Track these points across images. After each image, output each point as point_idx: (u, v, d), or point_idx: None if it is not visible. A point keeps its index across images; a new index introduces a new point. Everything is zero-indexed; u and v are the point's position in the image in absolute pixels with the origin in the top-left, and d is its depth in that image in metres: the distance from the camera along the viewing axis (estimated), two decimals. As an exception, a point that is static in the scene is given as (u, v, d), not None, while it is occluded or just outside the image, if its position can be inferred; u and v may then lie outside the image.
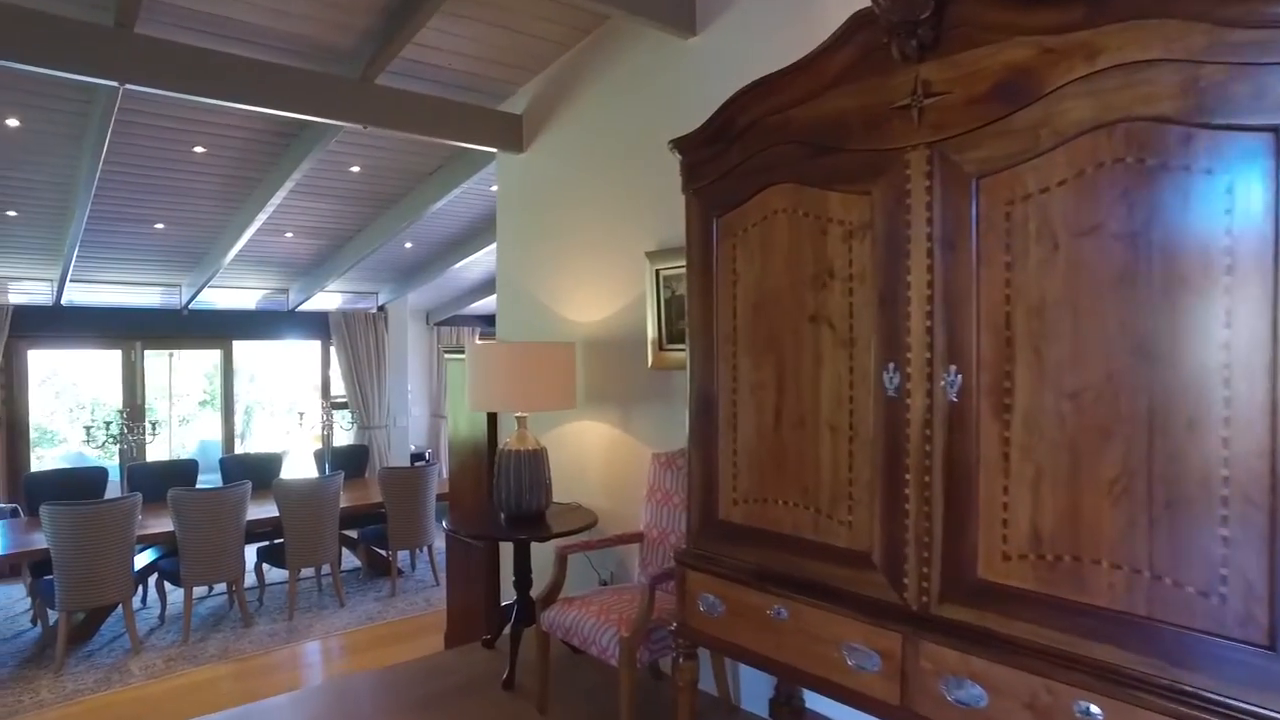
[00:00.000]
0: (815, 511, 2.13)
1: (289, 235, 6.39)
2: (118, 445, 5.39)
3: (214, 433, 10.66)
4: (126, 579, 4.96)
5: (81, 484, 5.90)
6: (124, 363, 7.41)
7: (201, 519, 5.17)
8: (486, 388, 3.43)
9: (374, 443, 8.39)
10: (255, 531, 5.80)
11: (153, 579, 5.75)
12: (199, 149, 4.67)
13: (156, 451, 12.51)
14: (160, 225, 5.80)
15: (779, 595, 2.18)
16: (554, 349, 3.47)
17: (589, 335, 3.81)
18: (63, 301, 6.91)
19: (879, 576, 1.97)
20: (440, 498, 6.43)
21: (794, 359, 2.18)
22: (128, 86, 3.24)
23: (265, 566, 6.00)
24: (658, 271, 3.43)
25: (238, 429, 14.37)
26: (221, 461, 6.58)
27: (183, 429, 13.00)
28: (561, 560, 3.15)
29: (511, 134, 4.26)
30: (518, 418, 3.51)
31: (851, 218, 2.03)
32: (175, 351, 11.95)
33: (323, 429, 6.44)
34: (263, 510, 5.71)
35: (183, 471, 6.33)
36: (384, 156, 5.16)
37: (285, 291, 8.06)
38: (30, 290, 6.82)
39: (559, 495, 3.80)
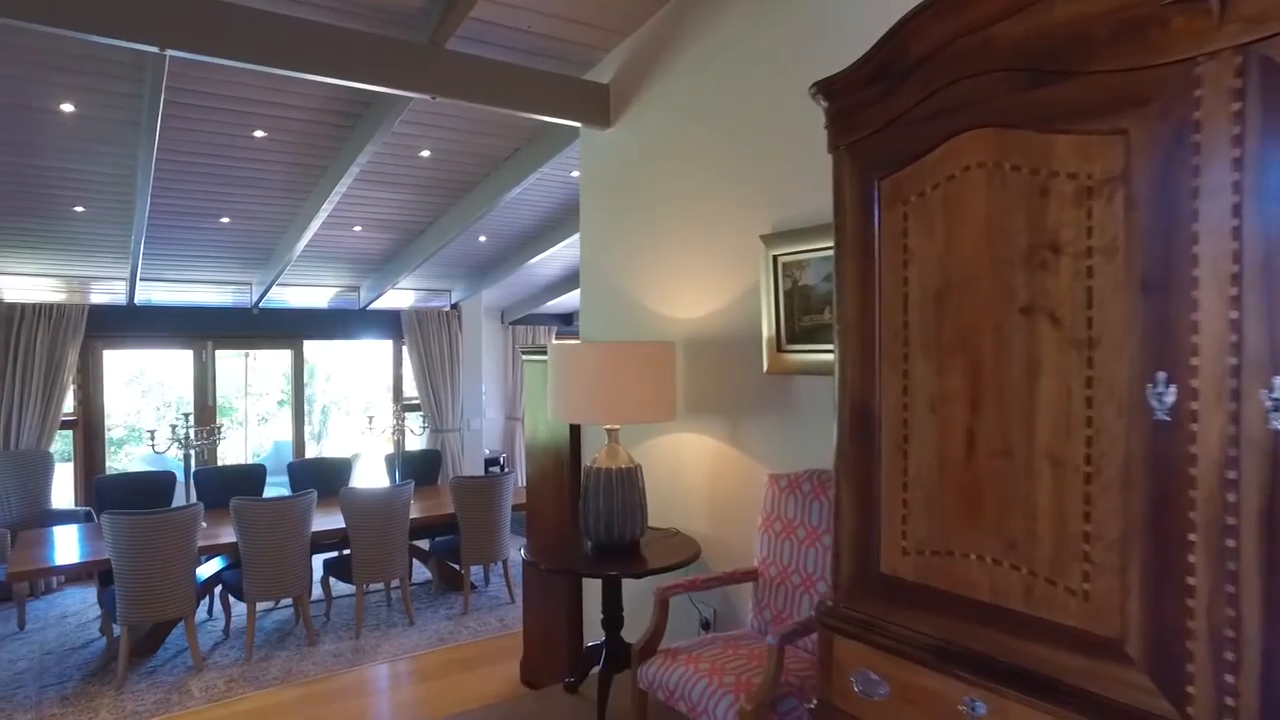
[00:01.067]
0: (1028, 574, 1.56)
1: (358, 229, 6.06)
2: (183, 449, 5.09)
3: (290, 433, 10.64)
4: (188, 593, 4.67)
5: (149, 489, 5.67)
6: (195, 363, 7.22)
7: (264, 530, 4.84)
8: (572, 395, 2.94)
9: (446, 447, 8.05)
10: (322, 543, 5.47)
11: (218, 589, 5.48)
12: (259, 133, 4.32)
13: (234, 452, 12.57)
14: (226, 219, 5.51)
15: (975, 684, 1.61)
16: (651, 350, 2.95)
17: (689, 334, 3.29)
18: (136, 300, 6.74)
19: (1138, 677, 1.39)
20: (517, 508, 6.00)
21: (996, 365, 1.61)
22: (172, 54, 2.86)
23: (332, 580, 5.67)
24: (775, 259, 2.88)
25: (314, 429, 14.46)
26: (290, 467, 6.29)
27: (261, 428, 13.02)
28: (663, 605, 2.64)
29: (597, 106, 3.77)
30: (608, 430, 3.01)
31: (1092, 169, 1.44)
32: (251, 351, 11.96)
33: (394, 433, 6.08)
34: (330, 520, 5.38)
35: (249, 477, 6.05)
36: (455, 139, 4.74)
37: (356, 289, 7.78)
38: (107, 289, 6.67)
39: (653, 519, 3.29)
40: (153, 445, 5.14)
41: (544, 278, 8.31)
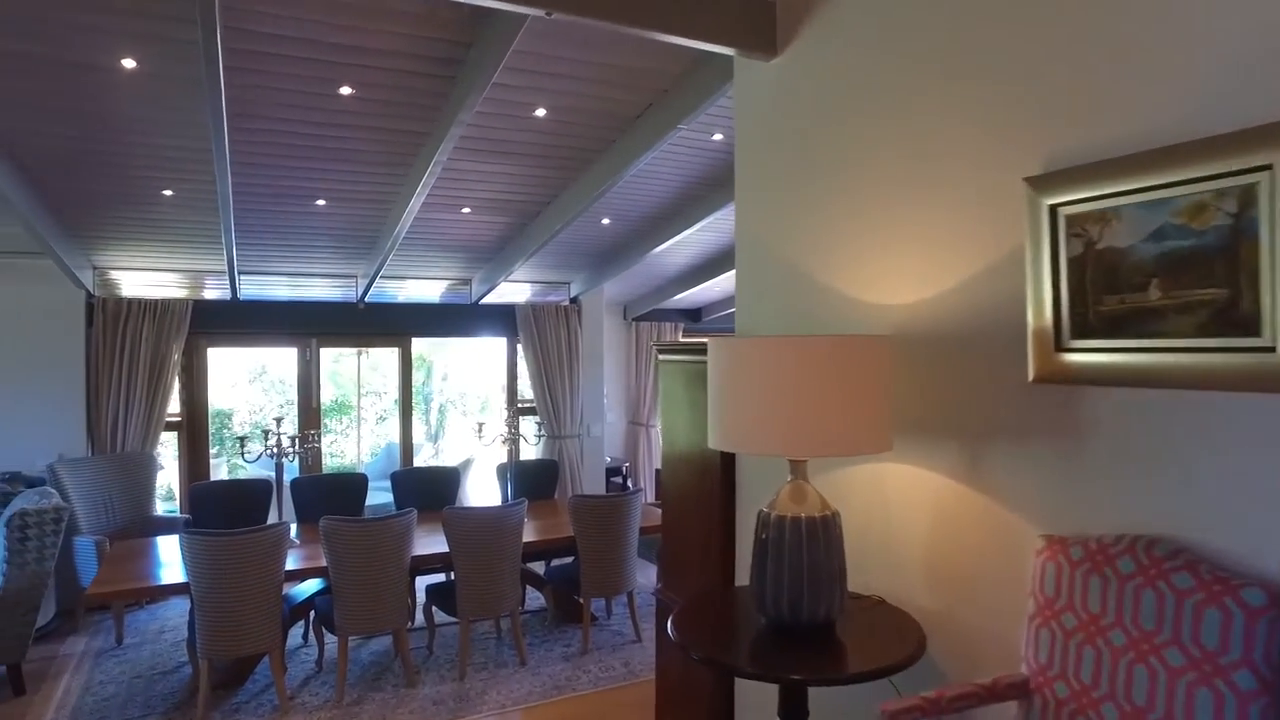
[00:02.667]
0: None
1: (466, 210, 5.38)
2: (274, 457, 4.53)
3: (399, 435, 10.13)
4: (273, 626, 4.07)
5: (242, 498, 5.18)
6: (299, 361, 6.78)
7: (358, 556, 4.20)
8: (741, 412, 2.05)
9: (564, 455, 7.33)
10: (426, 567, 4.82)
11: (312, 615, 4.91)
12: (345, 89, 3.65)
13: (350, 450, 12.39)
14: (321, 201, 4.93)
15: None
16: (857, 347, 2.01)
17: (900, 326, 2.33)
18: (240, 295, 6.33)
19: None
20: (646, 531, 5.18)
21: None
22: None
23: (436, 609, 5.00)
24: (1053, 210, 1.89)
25: (430, 429, 14.18)
26: (393, 478, 5.69)
27: (380, 426, 12.81)
28: (893, 743, 1.70)
29: (758, 28, 2.86)
30: (794, 462, 2.10)
31: None
32: (366, 349, 11.70)
33: (507, 440, 5.37)
34: (435, 541, 4.71)
35: (349, 488, 5.49)
36: (575, 94, 3.94)
37: (467, 282, 7.17)
38: (212, 284, 6.30)
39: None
40: (243, 454, 4.60)
41: (672, 267, 7.47)
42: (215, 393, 11.79)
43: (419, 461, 9.66)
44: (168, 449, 6.48)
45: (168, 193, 4.59)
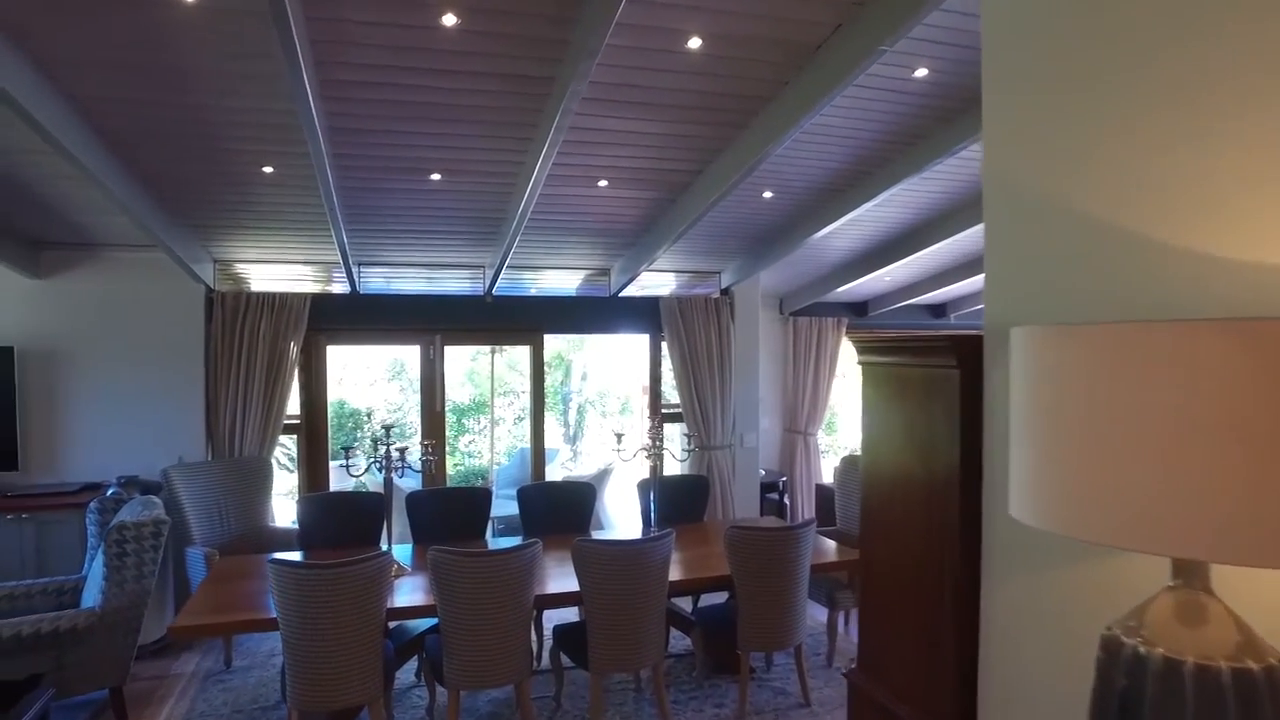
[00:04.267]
0: None
1: (603, 184, 4.58)
2: (381, 469, 3.91)
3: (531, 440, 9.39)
4: (372, 675, 3.42)
5: (355, 514, 4.61)
6: (422, 359, 6.23)
7: (471, 595, 3.48)
8: (1106, 469, 1.06)
9: (714, 468, 6.43)
10: (554, 605, 4.08)
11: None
12: (448, 19, 2.90)
13: (484, 451, 12.00)
14: (436, 175, 4.27)
15: None
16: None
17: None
18: (359, 289, 5.84)
19: None
20: (820, 569, 4.23)
21: None
22: None
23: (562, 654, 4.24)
24: None
25: (569, 431, 13.65)
26: (520, 494, 4.98)
27: (517, 427, 12.39)
28: None
29: None
30: (1182, 562, 1.11)
31: None
32: (501, 347, 11.24)
33: (650, 455, 4.54)
34: (566, 572, 3.94)
35: (471, 504, 4.83)
36: (738, 16, 3.03)
37: (605, 273, 6.41)
38: (331, 277, 5.85)
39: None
40: (347, 467, 4.00)
41: (837, 252, 6.42)
42: (354, 391, 11.81)
43: (556, 467, 9.05)
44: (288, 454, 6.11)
45: (267, 169, 4.05)
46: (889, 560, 2.33)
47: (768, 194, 4.90)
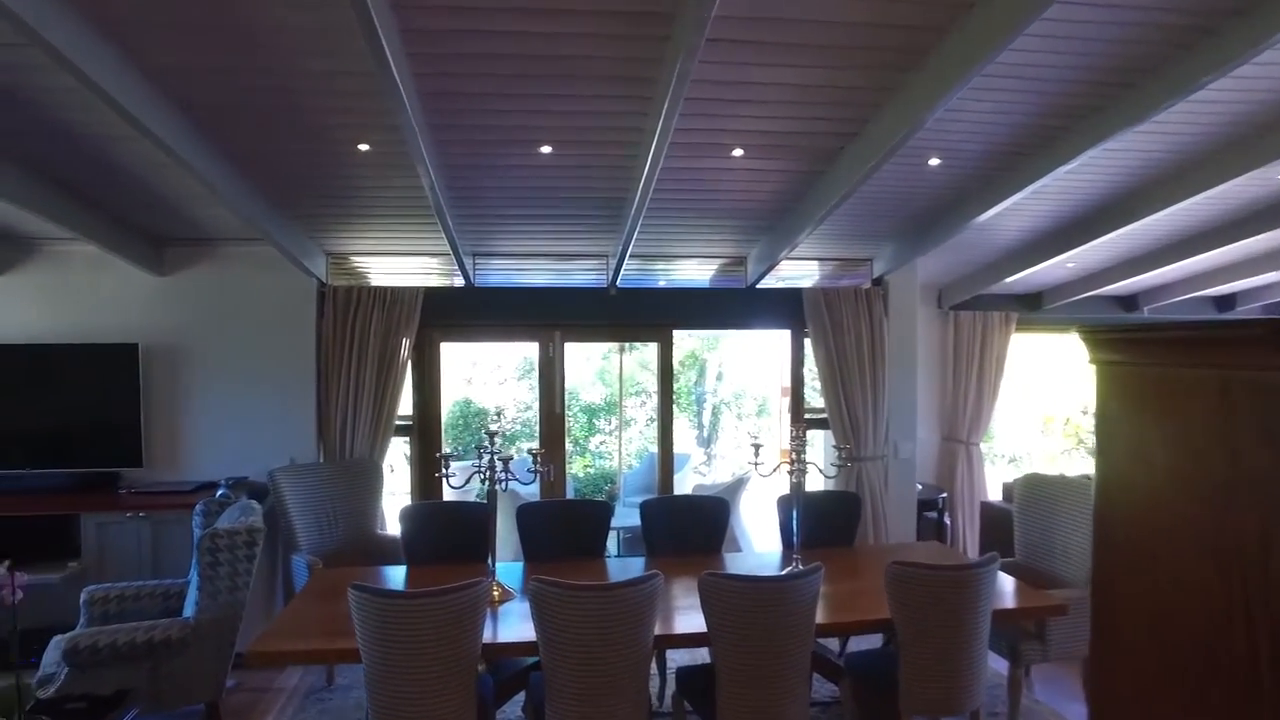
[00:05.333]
0: None
1: (737, 153, 3.94)
2: (485, 479, 3.45)
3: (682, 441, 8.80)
4: (465, 712, 2.94)
5: (457, 527, 4.19)
6: (541, 357, 5.79)
7: (576, 633, 2.93)
8: None
9: (864, 482, 5.65)
10: (677, 645, 3.49)
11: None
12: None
13: (612, 452, 11.54)
14: (546, 148, 3.76)
15: None
16: None
17: None
18: (473, 281, 5.46)
19: None
20: (1006, 616, 3.42)
21: None
22: None
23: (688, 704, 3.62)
24: None
25: (703, 434, 13.02)
26: (643, 509, 4.42)
27: (650, 429, 11.89)
28: None
29: None
30: None
31: None
32: (630, 344, 10.77)
33: (794, 470, 3.87)
34: (692, 605, 3.33)
35: (588, 520, 4.30)
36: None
37: (741, 262, 5.76)
38: (444, 269, 5.51)
39: None
40: (446, 478, 3.56)
41: (1011, 233, 5.49)
42: (484, 390, 11.66)
43: (687, 474, 8.46)
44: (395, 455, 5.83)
45: (363, 147, 3.68)
46: (1147, 617, 1.59)
47: (934, 161, 4.10)
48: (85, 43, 2.64)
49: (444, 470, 3.57)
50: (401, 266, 5.49)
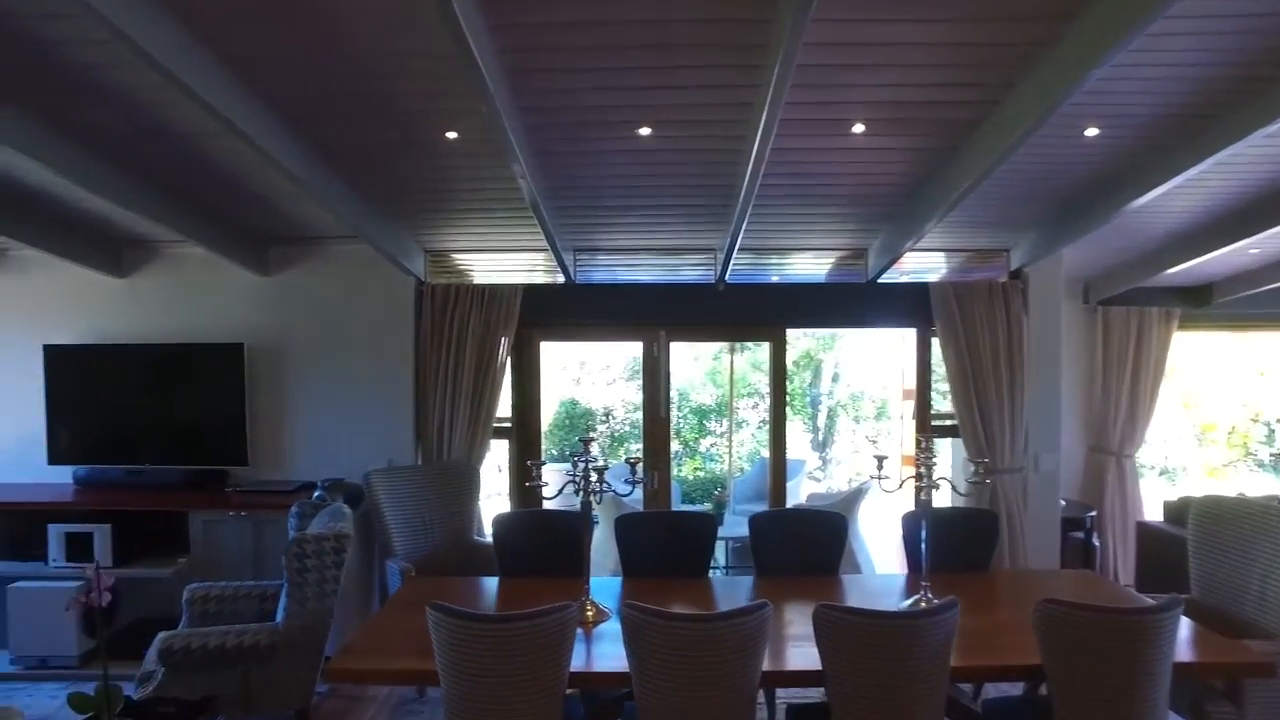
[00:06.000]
0: None
1: (858, 129, 3.51)
2: (579, 487, 3.19)
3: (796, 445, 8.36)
4: (550, 757, 2.67)
5: (552, 538, 3.93)
6: (645, 357, 5.49)
7: (670, 667, 2.61)
8: None
9: (999, 498, 5.07)
10: (787, 684, 3.11)
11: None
12: None
13: (724, 459, 11.12)
14: (645, 130, 3.45)
15: None
16: None
17: None
18: (574, 278, 5.22)
19: None
20: (1186, 669, 2.86)
21: None
22: None
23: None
24: None
25: (818, 438, 12.44)
26: (752, 524, 4.05)
27: (762, 433, 11.44)
28: None
29: None
30: None
31: None
32: (741, 344, 10.35)
33: (921, 482, 3.41)
34: (805, 640, 2.95)
35: (692, 533, 3.97)
36: None
37: (862, 254, 5.30)
38: (546, 265, 5.30)
39: None
40: (538, 486, 3.30)
41: (1176, 216, 4.78)
42: (592, 391, 11.51)
43: (801, 480, 7.98)
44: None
45: (451, 135, 3.47)
46: None
47: (1091, 130, 3.54)
48: (164, 35, 2.54)
49: (535, 478, 3.32)
50: (502, 264, 5.32)
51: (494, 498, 6.85)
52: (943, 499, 5.24)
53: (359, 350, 5.14)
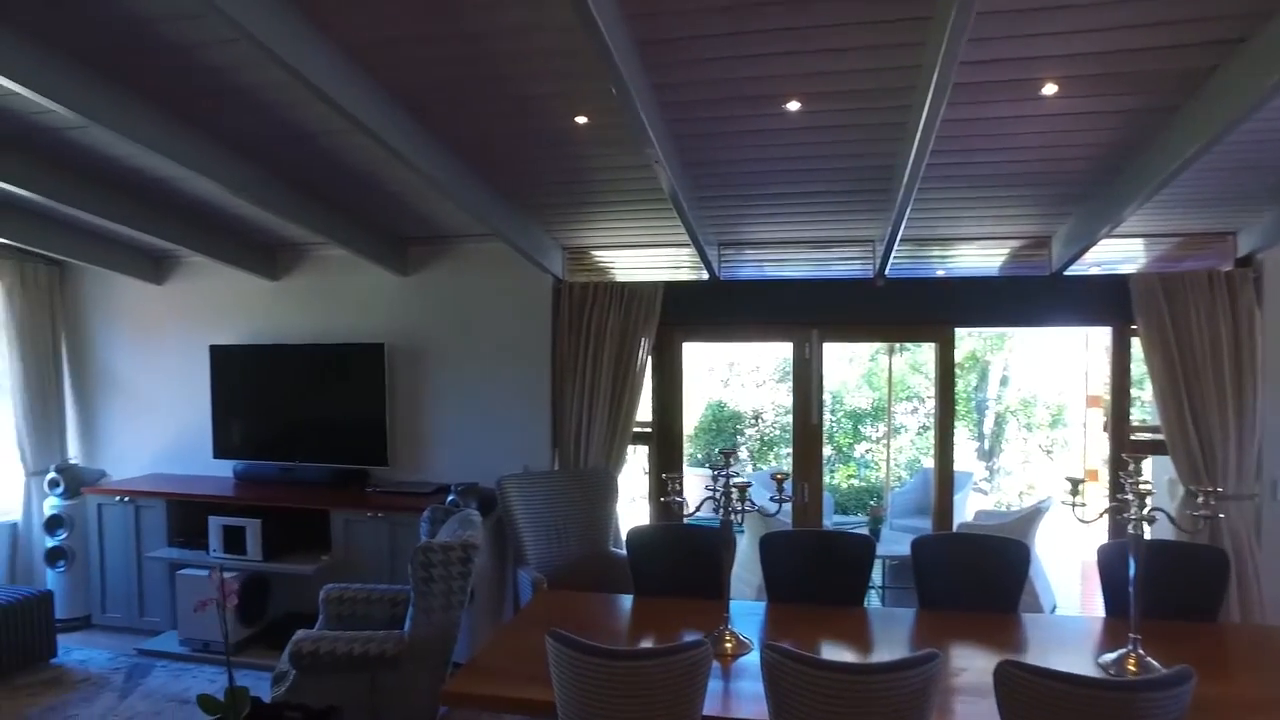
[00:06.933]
0: None
1: (1048, 90, 2.95)
2: (718, 508, 2.87)
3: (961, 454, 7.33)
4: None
5: (689, 555, 3.61)
6: (795, 358, 5.05)
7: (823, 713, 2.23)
8: None
9: (1226, 532, 4.26)
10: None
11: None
12: None
13: (880, 467, 10.39)
14: (793, 105, 3.05)
15: None
16: None
17: None
18: (718, 274, 4.87)
19: None
20: None
21: None
22: None
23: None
24: None
25: (985, 445, 11.42)
26: (915, 548, 3.55)
27: (921, 439, 10.63)
28: None
29: None
30: None
31: None
32: (900, 345, 9.64)
33: (1132, 518, 2.81)
34: (979, 698, 2.49)
35: (842, 558, 3.52)
36: None
37: (1044, 243, 4.64)
38: (687, 261, 4.99)
39: None
40: (675, 504, 2.99)
41: None
42: (742, 393, 11.09)
43: (965, 496, 7.23)
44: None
45: (580, 120, 3.22)
46: None
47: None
48: (286, 29, 2.44)
49: (671, 493, 3.01)
50: (643, 261, 5.05)
51: (636, 500, 6.63)
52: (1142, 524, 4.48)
53: (496, 351, 5.03)
